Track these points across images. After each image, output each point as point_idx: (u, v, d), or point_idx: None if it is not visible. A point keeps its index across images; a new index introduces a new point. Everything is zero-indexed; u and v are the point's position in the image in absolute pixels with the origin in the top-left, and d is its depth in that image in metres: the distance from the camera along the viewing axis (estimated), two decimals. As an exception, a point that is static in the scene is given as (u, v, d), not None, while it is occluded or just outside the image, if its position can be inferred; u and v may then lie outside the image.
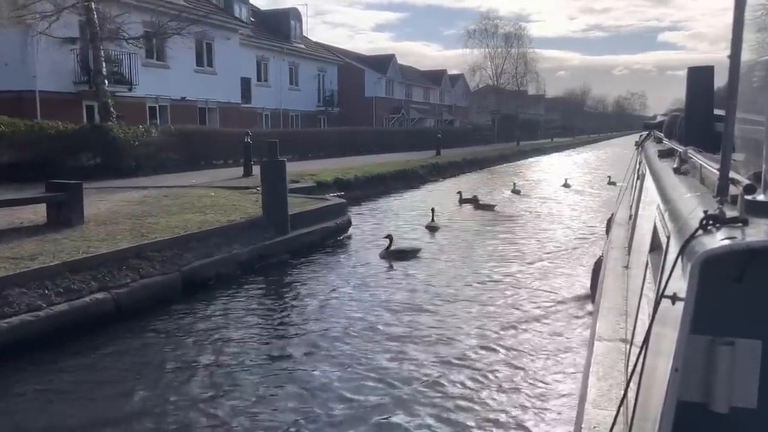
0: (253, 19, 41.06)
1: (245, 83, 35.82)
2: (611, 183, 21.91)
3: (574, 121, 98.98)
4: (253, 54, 38.41)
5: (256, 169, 18.59)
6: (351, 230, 12.58)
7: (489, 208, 16.25)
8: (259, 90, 38.43)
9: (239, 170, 17.81)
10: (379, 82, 52.17)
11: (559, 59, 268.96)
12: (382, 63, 53.42)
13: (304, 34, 47.04)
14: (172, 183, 15.24)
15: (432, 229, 13.13)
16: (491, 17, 60.01)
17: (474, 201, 16.46)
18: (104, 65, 18.11)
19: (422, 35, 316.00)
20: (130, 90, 25.27)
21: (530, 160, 41.80)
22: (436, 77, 65.90)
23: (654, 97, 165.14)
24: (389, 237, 10.43)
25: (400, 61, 56.62)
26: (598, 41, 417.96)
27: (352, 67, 50.66)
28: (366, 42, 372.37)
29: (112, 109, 18.63)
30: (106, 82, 18.28)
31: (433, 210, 13.77)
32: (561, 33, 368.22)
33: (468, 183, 23.86)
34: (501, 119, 59.18)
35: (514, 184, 21.45)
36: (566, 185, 22.47)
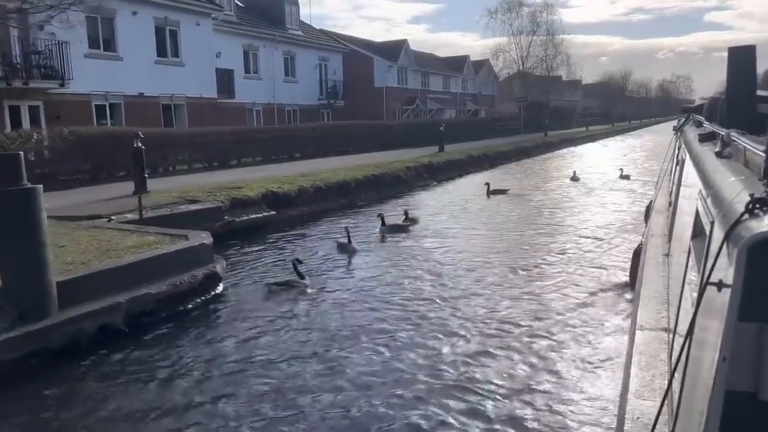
0: (240, 4, 36.95)
1: (226, 75, 31.62)
2: (623, 177, 20.53)
3: (614, 107, 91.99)
4: (238, 42, 34.19)
5: (157, 183, 14.46)
6: (224, 287, 8.03)
7: (403, 229, 12.03)
8: (247, 83, 34.21)
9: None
10: (389, 71, 47.38)
11: (600, 44, 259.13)
12: (393, 50, 48.59)
13: (302, 19, 42.62)
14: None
15: (343, 248, 10.35)
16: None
17: (393, 220, 12.45)
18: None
19: (459, 25, 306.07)
20: (62, 85, 21.25)
21: (556, 153, 36.35)
22: (457, 64, 60.59)
23: (700, 81, 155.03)
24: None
25: (438, 52, 52.11)
26: (640, 24, 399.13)
27: (359, 56, 46.02)
28: (402, 35, 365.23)
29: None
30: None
31: (347, 229, 10.67)
32: (602, 17, 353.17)
33: (458, 188, 19.07)
34: (528, 107, 53.35)
35: (488, 185, 17.34)
36: (575, 179, 20.57)
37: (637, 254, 6.14)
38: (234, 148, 20.80)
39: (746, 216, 1.39)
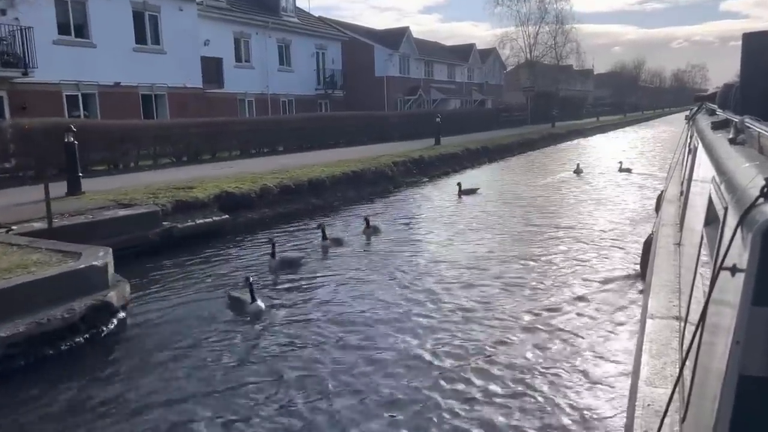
0: (231, -11, 35.29)
1: (215, 64, 30.09)
2: (623, 170, 19.75)
3: (627, 97, 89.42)
4: (228, 29, 32.60)
5: (105, 182, 12.95)
6: (123, 321, 6.47)
7: (338, 243, 10.07)
8: (238, 72, 32.66)
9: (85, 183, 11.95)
10: (390, 59, 45.61)
11: (613, 34, 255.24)
12: (394, 37, 46.78)
13: (299, 6, 40.92)
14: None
15: (276, 267, 8.47)
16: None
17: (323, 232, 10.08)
18: None
19: (470, 15, 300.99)
20: (25, 74, 19.79)
21: (562, 145, 34.38)
22: (462, 52, 58.62)
23: (716, 70, 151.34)
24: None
25: (449, 42, 50.48)
26: (655, 13, 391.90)
27: (358, 44, 44.30)
28: (413, 24, 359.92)
29: None
30: None
31: (271, 242, 8.92)
32: (615, 6, 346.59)
33: (449, 186, 17.31)
34: (536, 97, 51.28)
35: (459, 185, 15.66)
36: (578, 171, 19.87)
37: (648, 244, 6.07)
38: (207, 141, 19.19)
39: (761, 200, 1.37)
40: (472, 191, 15.44)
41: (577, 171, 19.99)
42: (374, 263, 8.82)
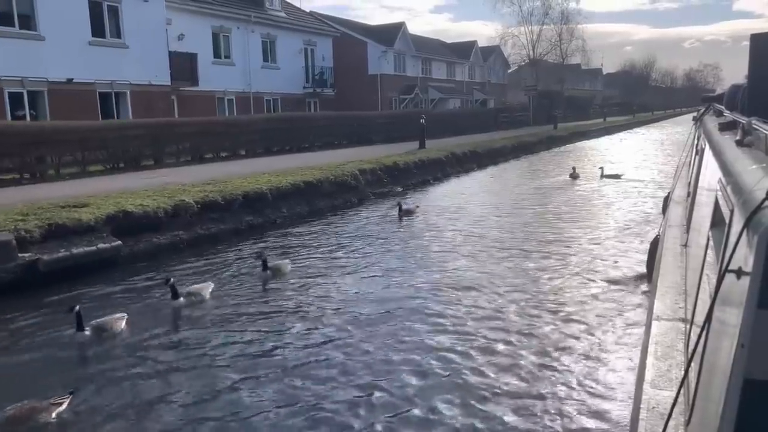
0: (210, -20, 33.18)
1: (189, 60, 27.99)
2: (608, 176, 18.14)
3: (637, 96, 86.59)
4: (206, 23, 30.59)
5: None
6: None
7: (198, 299, 7.33)
8: (217, 69, 30.65)
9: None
10: (384, 57, 43.38)
11: (625, 33, 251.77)
12: (388, 33, 44.52)
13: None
14: None
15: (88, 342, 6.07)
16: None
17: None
18: None
19: (481, 14, 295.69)
20: (-45, 69, 17.78)
21: (563, 148, 31.84)
22: (463, 50, 56.26)
23: (729, 70, 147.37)
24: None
25: (456, 41, 48.18)
26: (667, 13, 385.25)
27: (351, 40, 42.16)
28: (424, 24, 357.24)
29: None
30: None
31: (77, 313, 6.14)
32: (627, 6, 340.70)
33: (426, 197, 15.04)
34: (539, 97, 48.77)
35: (399, 205, 13.04)
36: (574, 176, 18.68)
37: (654, 246, 6.03)
38: (149, 145, 16.99)
39: (767, 203, 1.34)
40: (409, 212, 12.90)
41: (573, 176, 18.66)
42: (247, 334, 6.14)
